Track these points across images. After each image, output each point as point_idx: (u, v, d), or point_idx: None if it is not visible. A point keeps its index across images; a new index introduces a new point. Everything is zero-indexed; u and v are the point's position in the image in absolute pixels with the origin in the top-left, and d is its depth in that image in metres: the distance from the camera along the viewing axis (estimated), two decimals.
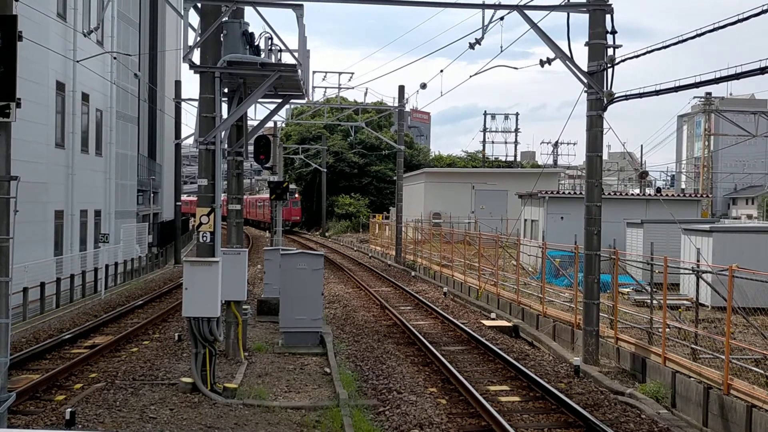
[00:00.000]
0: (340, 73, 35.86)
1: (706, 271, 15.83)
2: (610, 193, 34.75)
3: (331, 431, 10.55)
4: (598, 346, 15.85)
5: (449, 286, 29.34)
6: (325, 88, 37.94)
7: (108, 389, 12.17)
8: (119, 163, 34.86)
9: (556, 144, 78.96)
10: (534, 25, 15.67)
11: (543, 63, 16.80)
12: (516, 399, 12.77)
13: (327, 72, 35.77)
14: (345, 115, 54.45)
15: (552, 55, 16.31)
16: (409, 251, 41.11)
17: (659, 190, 57.95)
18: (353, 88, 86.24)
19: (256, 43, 13.40)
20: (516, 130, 79.34)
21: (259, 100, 15.59)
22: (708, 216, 44.97)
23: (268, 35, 13.66)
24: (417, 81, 45.55)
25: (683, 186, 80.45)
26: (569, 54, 15.79)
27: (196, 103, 16.65)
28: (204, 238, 12.37)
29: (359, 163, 71.52)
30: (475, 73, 32.67)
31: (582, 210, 16.52)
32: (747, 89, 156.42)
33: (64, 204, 27.23)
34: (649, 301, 16.56)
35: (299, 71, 13.06)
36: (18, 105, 8.59)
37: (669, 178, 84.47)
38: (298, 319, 16.21)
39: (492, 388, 13.45)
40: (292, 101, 17.35)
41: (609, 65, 15.56)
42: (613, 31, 15.49)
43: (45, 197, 25.14)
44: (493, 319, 21.65)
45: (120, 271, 31.01)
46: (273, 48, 13.82)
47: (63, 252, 26.81)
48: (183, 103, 39.43)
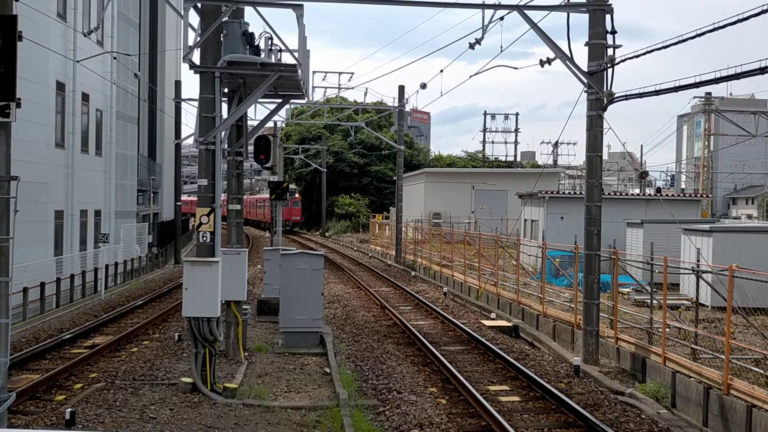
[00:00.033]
0: (340, 73, 35.91)
1: (706, 271, 15.83)
2: (610, 193, 34.75)
3: (331, 431, 10.55)
4: (598, 346, 15.85)
5: (449, 286, 29.34)
6: (325, 88, 38.01)
7: (108, 389, 12.17)
8: (119, 163, 34.87)
9: (556, 144, 79.04)
10: (534, 25, 15.67)
11: (543, 63, 16.81)
12: (516, 399, 12.78)
13: (327, 72, 35.84)
14: (345, 115, 54.44)
15: (552, 55, 16.31)
16: (409, 251, 41.11)
17: (659, 190, 57.93)
18: (353, 88, 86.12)
19: (256, 43, 13.41)
20: (516, 130, 79.48)
21: (259, 100, 15.60)
22: (708, 216, 44.95)
23: (268, 35, 13.67)
24: (417, 81, 45.56)
25: (683, 186, 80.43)
26: (569, 54, 15.80)
27: (196, 103, 16.67)
28: (204, 238, 12.38)
29: (359, 163, 71.52)
30: (475, 73, 32.72)
31: (582, 210, 16.52)
32: (747, 89, 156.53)
33: (64, 204, 27.24)
34: (649, 301, 16.56)
35: (299, 71, 13.07)
36: (18, 105, 8.60)
37: (669, 178, 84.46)
38: (298, 319, 16.21)
39: (492, 388, 13.46)
40: (292, 101, 17.36)
41: (609, 65, 15.56)
42: (613, 31, 15.50)
43: (45, 197, 25.14)
44: (493, 319, 21.65)
45: (120, 271, 31.02)
46: (273, 48, 13.83)
47: (63, 252, 26.82)
48: (183, 103, 39.43)
